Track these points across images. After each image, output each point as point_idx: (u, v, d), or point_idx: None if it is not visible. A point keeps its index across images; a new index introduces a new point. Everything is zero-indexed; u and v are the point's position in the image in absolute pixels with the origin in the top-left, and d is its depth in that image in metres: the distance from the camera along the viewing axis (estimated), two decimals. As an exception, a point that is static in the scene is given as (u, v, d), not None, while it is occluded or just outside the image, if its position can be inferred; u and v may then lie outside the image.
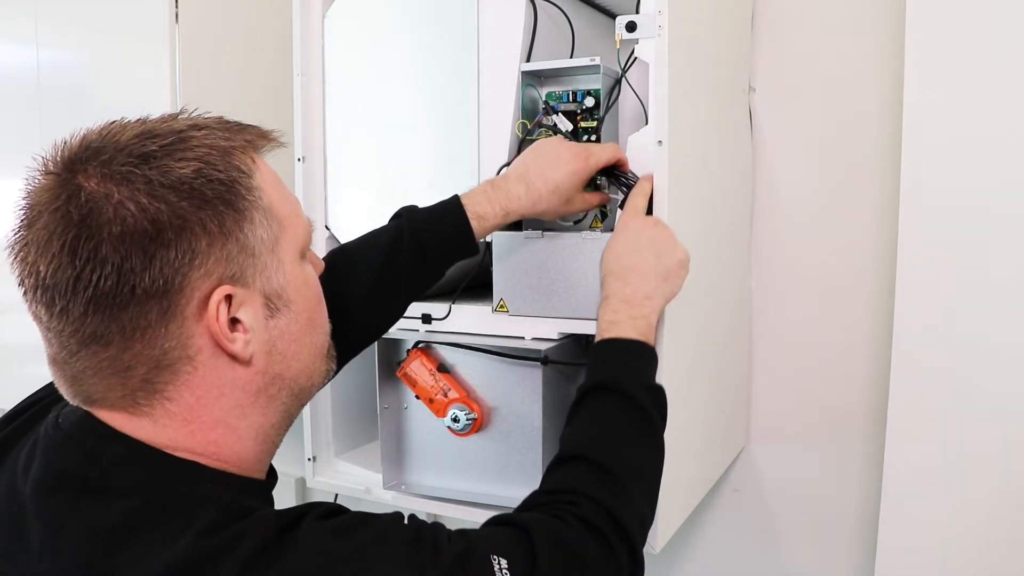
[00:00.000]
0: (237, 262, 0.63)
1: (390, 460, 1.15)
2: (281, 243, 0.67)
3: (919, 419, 1.10)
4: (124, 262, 0.58)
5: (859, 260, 1.32)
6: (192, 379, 0.63)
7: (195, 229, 0.61)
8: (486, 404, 1.07)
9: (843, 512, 1.36)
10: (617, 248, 0.92)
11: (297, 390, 0.71)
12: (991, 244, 1.05)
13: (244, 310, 0.64)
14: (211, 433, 0.65)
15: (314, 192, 1.19)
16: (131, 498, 0.60)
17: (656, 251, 0.91)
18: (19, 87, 1.58)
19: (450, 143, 1.09)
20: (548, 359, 1.02)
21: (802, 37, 1.33)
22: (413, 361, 1.09)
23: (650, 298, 0.89)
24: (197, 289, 0.61)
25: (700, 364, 1.15)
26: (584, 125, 1.05)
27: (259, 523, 0.60)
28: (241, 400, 0.66)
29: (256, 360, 0.66)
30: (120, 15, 1.42)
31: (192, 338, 0.62)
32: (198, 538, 0.58)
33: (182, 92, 1.34)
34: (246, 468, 0.68)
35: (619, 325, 0.87)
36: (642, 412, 0.83)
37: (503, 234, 1.06)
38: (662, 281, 0.90)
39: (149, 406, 0.63)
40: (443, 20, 1.08)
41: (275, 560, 0.58)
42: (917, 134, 1.08)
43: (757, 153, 1.37)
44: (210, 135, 0.65)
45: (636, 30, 0.95)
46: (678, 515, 1.11)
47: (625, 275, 0.90)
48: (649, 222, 0.93)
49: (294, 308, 0.68)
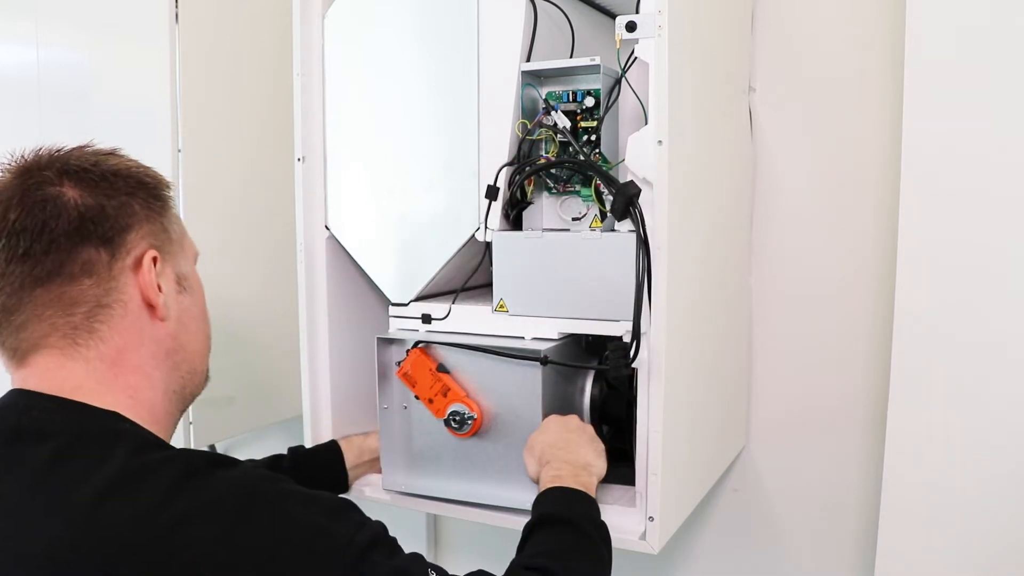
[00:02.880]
0: (160, 238, 0.81)
1: (390, 461, 1.13)
2: (185, 241, 0.86)
3: (919, 419, 1.10)
4: (86, 212, 0.75)
5: (859, 260, 1.32)
6: (123, 323, 0.77)
7: (136, 202, 0.79)
8: (486, 404, 1.06)
9: (843, 512, 1.36)
10: (551, 430, 1.00)
11: (192, 370, 0.85)
12: (991, 243, 1.05)
13: (163, 278, 0.80)
14: (131, 377, 0.78)
15: (314, 192, 1.19)
16: (58, 438, 0.71)
17: (588, 436, 1.01)
18: (19, 87, 1.58)
19: (450, 142, 1.09)
20: (547, 359, 1.01)
21: (802, 37, 1.33)
22: (413, 360, 1.08)
23: (591, 465, 0.97)
24: (136, 247, 0.78)
25: (700, 364, 1.15)
26: (584, 125, 1.05)
27: (186, 454, 0.73)
28: (156, 353, 0.80)
29: (169, 323, 0.81)
30: (120, 15, 1.42)
31: (127, 286, 0.78)
32: (130, 456, 0.70)
33: (182, 92, 1.34)
34: (156, 424, 0.79)
35: (563, 479, 0.94)
36: (590, 539, 0.89)
37: (503, 234, 1.06)
38: (598, 457, 0.99)
39: (86, 347, 0.76)
40: (443, 20, 1.08)
41: (203, 483, 0.69)
42: (917, 134, 1.07)
43: (757, 153, 1.37)
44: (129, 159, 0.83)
45: (636, 30, 0.95)
46: (678, 515, 1.11)
47: (566, 446, 0.98)
48: (574, 417, 1.03)
49: (194, 295, 0.85)
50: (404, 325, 1.15)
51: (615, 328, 1.01)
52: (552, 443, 0.99)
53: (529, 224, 1.10)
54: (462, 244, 1.09)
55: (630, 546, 1.01)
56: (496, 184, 1.05)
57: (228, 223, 1.43)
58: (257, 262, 1.48)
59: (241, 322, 1.45)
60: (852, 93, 1.30)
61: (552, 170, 1.06)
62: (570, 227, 1.08)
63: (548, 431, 1.00)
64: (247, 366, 1.47)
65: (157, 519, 0.66)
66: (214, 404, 1.35)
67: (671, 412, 0.99)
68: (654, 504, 0.99)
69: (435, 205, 1.11)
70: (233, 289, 1.42)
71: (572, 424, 1.01)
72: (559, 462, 0.96)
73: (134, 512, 0.66)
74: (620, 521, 1.03)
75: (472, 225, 1.08)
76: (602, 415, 1.10)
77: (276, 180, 1.37)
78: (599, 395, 1.10)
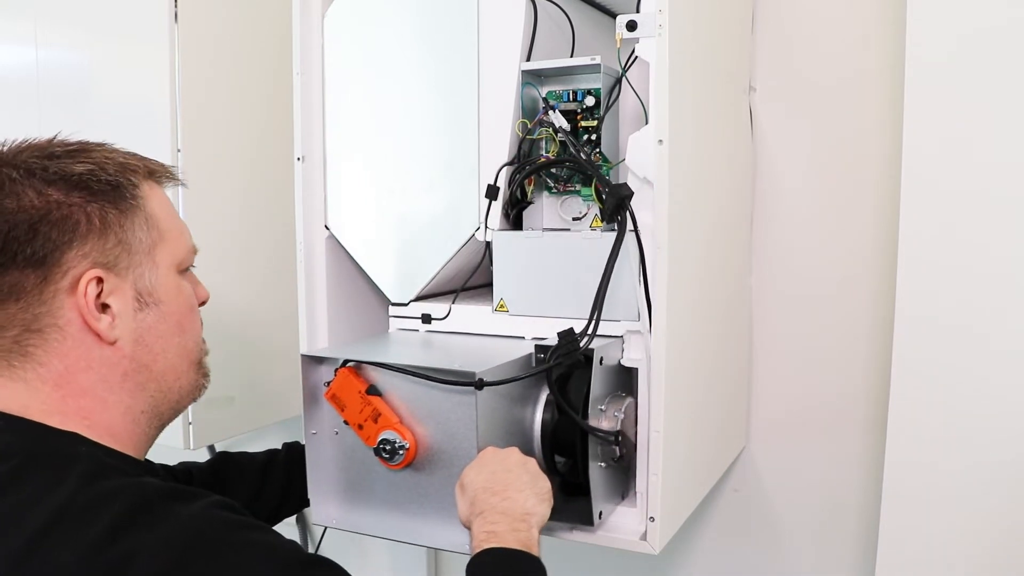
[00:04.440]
0: (113, 253, 0.74)
1: (319, 492, 1.00)
2: (159, 249, 0.78)
3: (919, 419, 1.10)
4: (12, 230, 0.70)
5: (860, 259, 1.32)
6: (61, 347, 0.73)
7: (79, 217, 0.72)
8: (421, 432, 0.93)
9: (843, 512, 1.36)
10: (488, 467, 0.87)
11: (165, 388, 0.80)
12: (992, 243, 1.05)
13: (114, 297, 0.74)
14: (81, 400, 0.74)
15: (314, 192, 1.19)
16: (9, 460, 0.68)
17: (530, 475, 0.87)
18: (18, 87, 1.57)
19: (450, 142, 1.09)
20: (483, 383, 0.87)
21: (802, 37, 1.33)
22: (340, 381, 0.95)
23: (530, 514, 0.83)
24: (72, 268, 0.72)
25: (700, 364, 1.15)
26: (584, 124, 1.04)
27: (139, 485, 0.68)
28: (107, 376, 0.75)
29: (123, 345, 0.75)
30: (120, 15, 1.41)
31: (62, 309, 0.72)
32: (82, 485, 0.66)
33: (182, 92, 1.34)
34: (119, 443, 0.76)
35: (499, 535, 0.80)
36: None
37: (503, 234, 1.06)
38: (539, 502, 0.85)
39: (23, 369, 0.72)
40: (443, 19, 1.08)
41: (154, 522, 0.65)
42: (917, 133, 1.07)
43: (757, 153, 1.37)
44: (112, 152, 0.78)
45: (637, 29, 0.95)
46: (678, 515, 1.10)
47: (502, 492, 0.84)
48: (513, 450, 0.89)
49: (164, 308, 0.78)
50: (404, 325, 1.15)
51: (616, 328, 1.01)
52: (486, 486, 0.84)
53: (529, 224, 1.10)
54: (462, 244, 1.09)
55: (631, 547, 1.01)
56: (496, 184, 1.05)
57: (228, 223, 1.43)
58: (257, 261, 1.48)
59: (241, 322, 1.44)
60: (852, 93, 1.30)
61: (552, 169, 1.06)
62: (570, 227, 1.08)
63: (483, 468, 0.86)
64: (247, 366, 1.47)
65: (101, 556, 0.63)
66: (214, 404, 1.35)
67: (672, 412, 0.99)
68: (655, 504, 0.99)
69: (435, 204, 1.11)
70: (233, 289, 1.41)
71: (511, 461, 0.87)
72: (494, 513, 0.82)
73: (77, 547, 0.63)
74: (621, 521, 1.03)
75: (472, 225, 1.07)
76: (554, 443, 0.98)
77: (276, 180, 1.37)
78: (551, 421, 0.98)
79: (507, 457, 0.88)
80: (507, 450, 0.89)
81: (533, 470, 0.88)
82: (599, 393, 0.97)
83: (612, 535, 1.02)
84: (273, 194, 1.44)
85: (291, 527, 1.77)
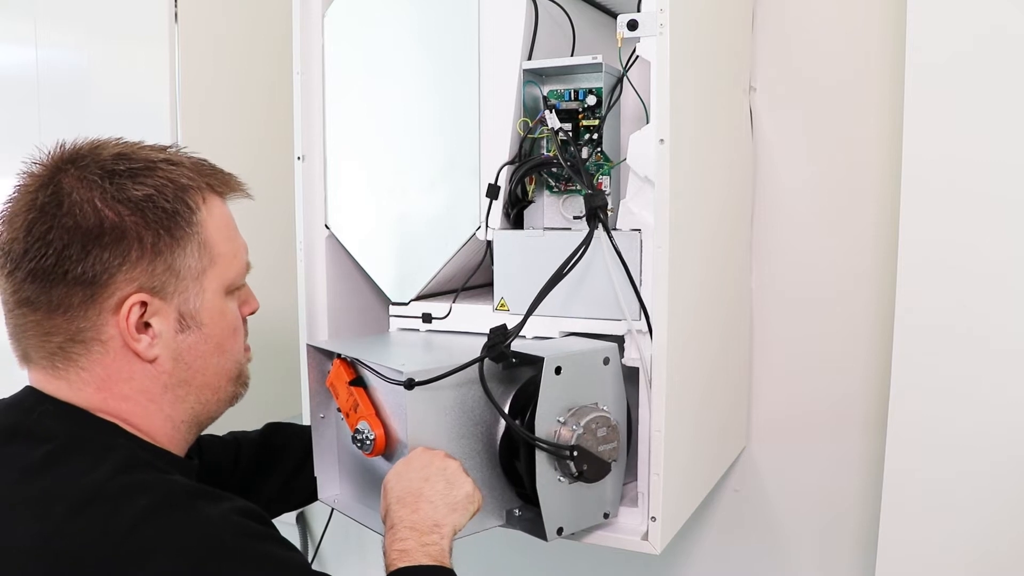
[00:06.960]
0: (161, 279, 0.76)
1: (325, 472, 1.07)
2: (208, 275, 0.80)
3: (919, 419, 1.10)
4: (65, 249, 0.72)
5: (860, 260, 1.31)
6: (104, 358, 0.76)
7: (131, 241, 0.74)
8: (389, 425, 0.96)
9: (843, 512, 1.36)
10: (405, 475, 0.87)
11: (204, 400, 0.83)
12: (992, 244, 1.05)
13: (157, 319, 0.77)
14: (123, 403, 0.77)
15: (314, 191, 1.19)
16: (52, 441, 0.72)
17: (446, 481, 0.87)
18: (18, 87, 1.57)
19: (451, 142, 1.09)
20: (413, 383, 0.88)
21: (802, 37, 1.33)
22: (334, 371, 1.02)
23: (439, 526, 0.84)
24: (119, 289, 0.74)
25: (701, 364, 1.14)
26: (586, 124, 1.04)
27: (169, 483, 0.71)
28: (148, 388, 0.78)
29: (162, 362, 0.78)
30: (120, 15, 1.42)
31: (106, 326, 0.75)
32: (115, 472, 0.69)
33: (182, 92, 1.34)
34: (160, 441, 0.79)
35: (410, 553, 0.81)
36: None
37: (504, 233, 1.06)
38: (450, 511, 0.86)
39: (65, 370, 0.76)
40: (443, 18, 1.08)
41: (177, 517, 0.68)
42: (918, 133, 1.08)
43: (758, 152, 1.37)
44: (176, 171, 0.78)
45: (638, 28, 0.95)
46: (679, 515, 1.10)
47: (413, 503, 0.85)
48: (439, 454, 0.89)
49: (205, 331, 0.81)
50: (405, 324, 1.15)
51: (616, 327, 1.01)
52: (399, 496, 0.85)
53: (530, 223, 1.10)
54: (463, 243, 1.09)
55: (632, 546, 1.01)
56: (497, 183, 1.05)
57: (228, 223, 1.42)
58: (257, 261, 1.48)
59: (240, 322, 1.44)
60: (852, 93, 1.30)
61: (552, 168, 1.05)
62: (572, 226, 1.08)
63: (402, 476, 0.87)
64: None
65: (121, 546, 0.65)
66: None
67: (673, 412, 0.99)
68: (656, 504, 0.99)
69: (436, 204, 1.11)
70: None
71: (432, 467, 0.87)
72: (403, 528, 0.83)
73: (99, 533, 0.66)
74: (622, 521, 1.02)
75: (473, 224, 1.07)
76: (510, 451, 0.97)
77: (276, 179, 1.37)
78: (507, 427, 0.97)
79: (429, 463, 0.88)
80: (433, 452, 0.89)
81: (451, 476, 0.87)
82: (560, 404, 0.94)
83: (614, 535, 1.02)
84: (273, 193, 1.43)
85: (291, 527, 1.77)
